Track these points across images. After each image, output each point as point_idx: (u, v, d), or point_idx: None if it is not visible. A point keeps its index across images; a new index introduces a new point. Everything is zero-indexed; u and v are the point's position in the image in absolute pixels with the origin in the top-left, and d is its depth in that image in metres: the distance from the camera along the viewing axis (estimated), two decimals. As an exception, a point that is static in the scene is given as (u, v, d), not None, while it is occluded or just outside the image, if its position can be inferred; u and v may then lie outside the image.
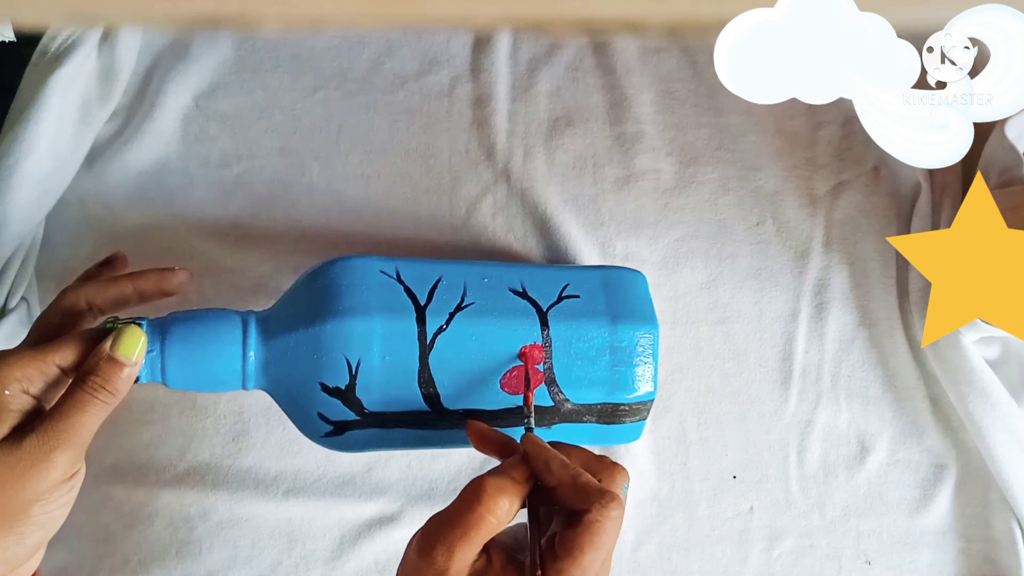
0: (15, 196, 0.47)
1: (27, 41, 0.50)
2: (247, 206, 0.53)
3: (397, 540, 0.50)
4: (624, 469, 0.37)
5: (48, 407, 0.37)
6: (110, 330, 0.38)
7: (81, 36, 0.50)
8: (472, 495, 0.34)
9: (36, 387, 0.37)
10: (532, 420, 0.41)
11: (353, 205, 0.54)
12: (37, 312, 0.50)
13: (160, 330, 0.39)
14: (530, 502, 0.36)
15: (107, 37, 0.51)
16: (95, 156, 0.52)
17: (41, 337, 0.41)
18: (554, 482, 0.35)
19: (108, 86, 0.52)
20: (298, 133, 0.54)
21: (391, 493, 0.51)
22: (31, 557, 0.36)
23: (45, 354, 0.37)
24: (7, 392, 0.36)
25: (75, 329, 0.41)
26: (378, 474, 0.51)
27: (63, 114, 0.49)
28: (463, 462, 0.51)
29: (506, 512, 0.35)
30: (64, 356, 0.37)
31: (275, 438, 0.51)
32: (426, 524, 0.35)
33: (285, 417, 0.50)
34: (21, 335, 0.48)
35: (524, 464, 0.36)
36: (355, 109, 0.55)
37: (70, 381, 0.37)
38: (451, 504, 0.35)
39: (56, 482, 0.35)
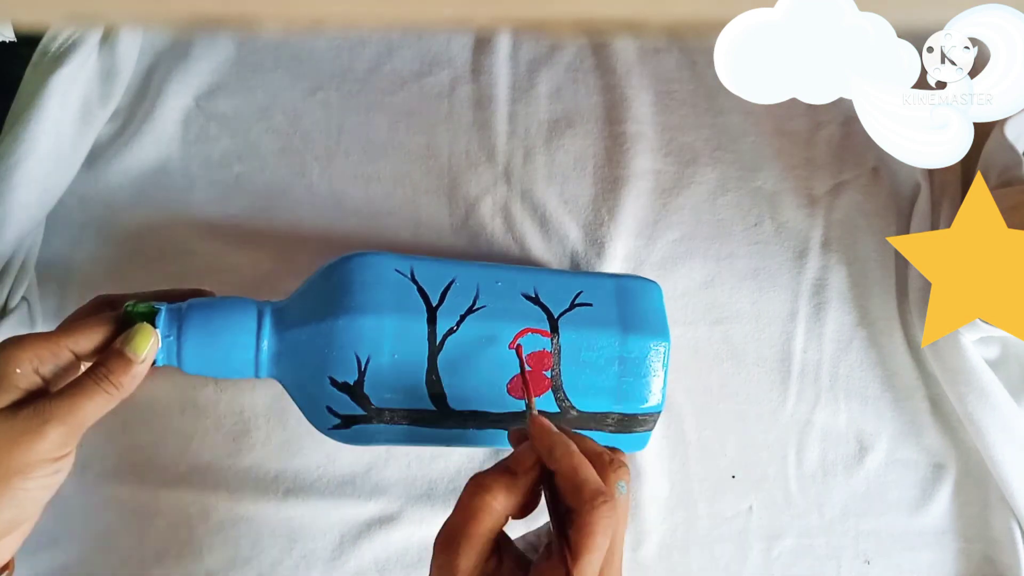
0: (15, 196, 0.47)
1: (27, 41, 0.50)
2: (247, 206, 0.53)
3: (397, 540, 0.50)
4: (624, 466, 0.37)
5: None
6: (129, 314, 0.39)
7: (81, 36, 0.50)
8: (465, 493, 0.35)
9: (47, 368, 0.37)
10: (534, 405, 0.40)
11: (353, 205, 0.54)
12: (38, 312, 0.50)
13: (178, 316, 0.40)
14: (546, 485, 0.36)
15: (107, 37, 0.51)
16: (95, 156, 0.52)
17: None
18: (555, 467, 0.35)
19: (108, 86, 0.52)
20: (298, 133, 0.54)
21: (391, 493, 0.51)
22: None
23: (59, 338, 0.38)
24: (18, 371, 0.36)
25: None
26: (378, 474, 0.51)
27: (63, 114, 0.49)
28: (462, 462, 0.51)
29: (502, 504, 0.35)
30: (77, 342, 0.38)
31: (275, 438, 0.51)
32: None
33: (285, 417, 0.50)
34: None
35: (529, 452, 0.36)
36: (355, 110, 0.55)
37: (82, 367, 0.38)
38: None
39: (43, 457, 0.35)
